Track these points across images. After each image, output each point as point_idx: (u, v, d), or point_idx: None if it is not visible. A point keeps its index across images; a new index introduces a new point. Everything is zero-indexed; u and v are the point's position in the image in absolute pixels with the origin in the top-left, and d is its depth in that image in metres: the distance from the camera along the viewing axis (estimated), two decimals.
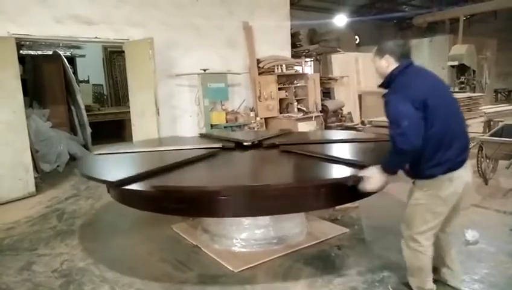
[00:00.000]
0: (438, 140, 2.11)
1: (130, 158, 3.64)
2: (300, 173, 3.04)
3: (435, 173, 2.15)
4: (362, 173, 2.32)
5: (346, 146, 3.90)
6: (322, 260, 3.03)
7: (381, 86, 2.32)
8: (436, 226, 2.27)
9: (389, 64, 2.26)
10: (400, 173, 2.31)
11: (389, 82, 2.27)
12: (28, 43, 7.32)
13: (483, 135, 5.35)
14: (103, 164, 3.49)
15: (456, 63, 10.30)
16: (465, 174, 2.22)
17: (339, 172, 2.73)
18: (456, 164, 2.16)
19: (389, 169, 2.22)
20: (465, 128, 2.29)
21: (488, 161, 4.86)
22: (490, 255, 2.99)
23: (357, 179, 2.33)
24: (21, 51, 6.95)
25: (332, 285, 2.68)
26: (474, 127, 6.53)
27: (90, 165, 3.44)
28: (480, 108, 6.76)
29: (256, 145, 3.80)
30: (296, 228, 3.37)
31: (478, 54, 11.26)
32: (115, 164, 3.45)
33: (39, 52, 7.95)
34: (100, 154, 3.76)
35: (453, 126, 2.17)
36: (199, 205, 2.63)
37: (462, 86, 10.31)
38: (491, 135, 4.98)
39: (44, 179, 5.60)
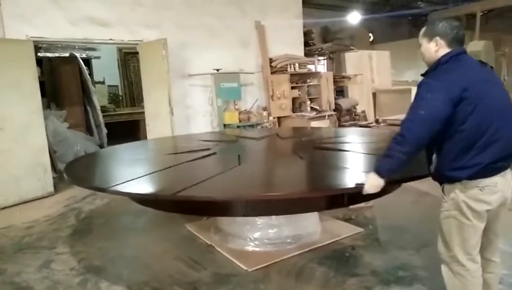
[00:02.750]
0: (469, 140, 1.79)
1: None
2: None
3: (456, 176, 1.83)
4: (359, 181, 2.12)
5: None
6: (335, 259, 3.02)
7: (425, 74, 1.96)
8: (478, 241, 1.92)
9: (439, 48, 1.91)
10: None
11: (434, 70, 1.92)
12: (45, 45, 7.48)
13: None
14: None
15: None
16: (502, 185, 1.84)
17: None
18: (488, 169, 1.80)
19: (381, 167, 1.96)
20: None
21: None
22: (509, 256, 2.92)
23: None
24: (38, 53, 7.11)
25: (346, 285, 2.66)
26: None
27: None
28: None
29: None
30: (310, 228, 3.36)
31: (496, 50, 10.99)
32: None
33: (56, 55, 8.12)
34: None
35: (495, 127, 1.79)
36: None
37: None
38: None
39: (62, 178, 5.71)
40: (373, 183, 2.00)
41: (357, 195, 2.49)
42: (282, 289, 2.68)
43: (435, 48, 1.93)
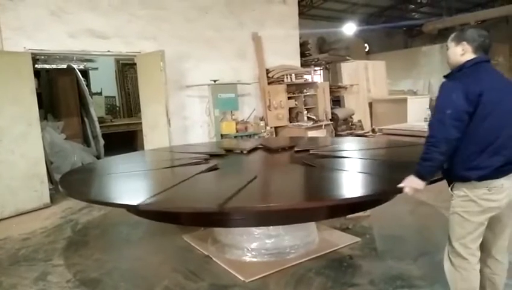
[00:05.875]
0: (482, 142, 1.90)
1: None
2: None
3: (468, 176, 1.93)
4: (401, 184, 2.12)
5: None
6: (333, 269, 3.01)
7: (447, 76, 2.07)
8: (479, 237, 2.00)
9: (464, 52, 2.01)
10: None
11: (457, 72, 2.02)
12: (42, 57, 7.51)
13: None
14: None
15: None
16: (508, 186, 1.94)
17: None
18: (498, 172, 1.91)
19: (423, 171, 2.01)
20: None
21: None
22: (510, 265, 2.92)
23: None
24: (36, 65, 7.12)
25: None
26: None
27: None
28: None
29: None
30: (307, 237, 3.35)
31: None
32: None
33: (54, 66, 8.14)
34: None
35: (508, 133, 1.92)
36: None
37: None
38: None
39: (58, 190, 5.68)
40: (413, 185, 2.07)
41: (355, 205, 2.51)
42: None
43: (461, 52, 2.03)
